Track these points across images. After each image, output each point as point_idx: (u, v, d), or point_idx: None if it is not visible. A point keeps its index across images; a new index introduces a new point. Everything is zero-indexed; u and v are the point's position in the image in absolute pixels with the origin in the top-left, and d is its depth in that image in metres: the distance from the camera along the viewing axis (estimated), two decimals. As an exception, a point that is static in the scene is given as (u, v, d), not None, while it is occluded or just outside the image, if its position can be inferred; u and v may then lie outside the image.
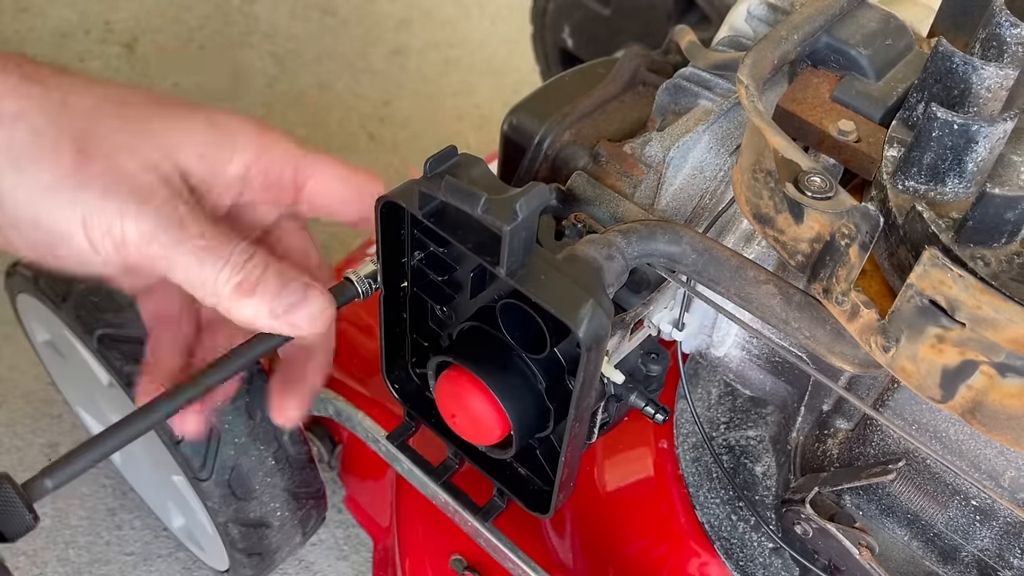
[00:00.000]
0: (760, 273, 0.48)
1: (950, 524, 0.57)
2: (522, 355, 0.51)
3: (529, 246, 0.45)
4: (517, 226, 0.43)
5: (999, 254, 0.44)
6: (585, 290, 0.45)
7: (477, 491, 0.63)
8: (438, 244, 0.51)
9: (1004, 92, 0.47)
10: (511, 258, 0.44)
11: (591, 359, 0.45)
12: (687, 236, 0.50)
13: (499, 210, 0.43)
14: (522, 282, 0.45)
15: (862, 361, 0.47)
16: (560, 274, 0.45)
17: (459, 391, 0.51)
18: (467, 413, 0.51)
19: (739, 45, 0.69)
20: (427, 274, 0.53)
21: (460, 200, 0.44)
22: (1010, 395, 0.40)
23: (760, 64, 0.51)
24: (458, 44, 1.75)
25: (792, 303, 0.47)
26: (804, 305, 0.47)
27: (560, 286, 0.45)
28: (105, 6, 1.75)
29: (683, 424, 0.72)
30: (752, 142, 0.48)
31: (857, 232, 0.42)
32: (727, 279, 0.49)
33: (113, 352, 0.76)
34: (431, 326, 0.57)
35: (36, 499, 0.42)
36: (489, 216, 0.43)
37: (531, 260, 0.45)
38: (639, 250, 0.49)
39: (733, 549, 0.67)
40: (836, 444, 0.62)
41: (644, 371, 0.56)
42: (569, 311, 0.44)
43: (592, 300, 0.44)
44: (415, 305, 0.56)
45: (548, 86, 0.72)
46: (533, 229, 0.45)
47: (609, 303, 0.46)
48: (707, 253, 0.49)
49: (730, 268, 0.49)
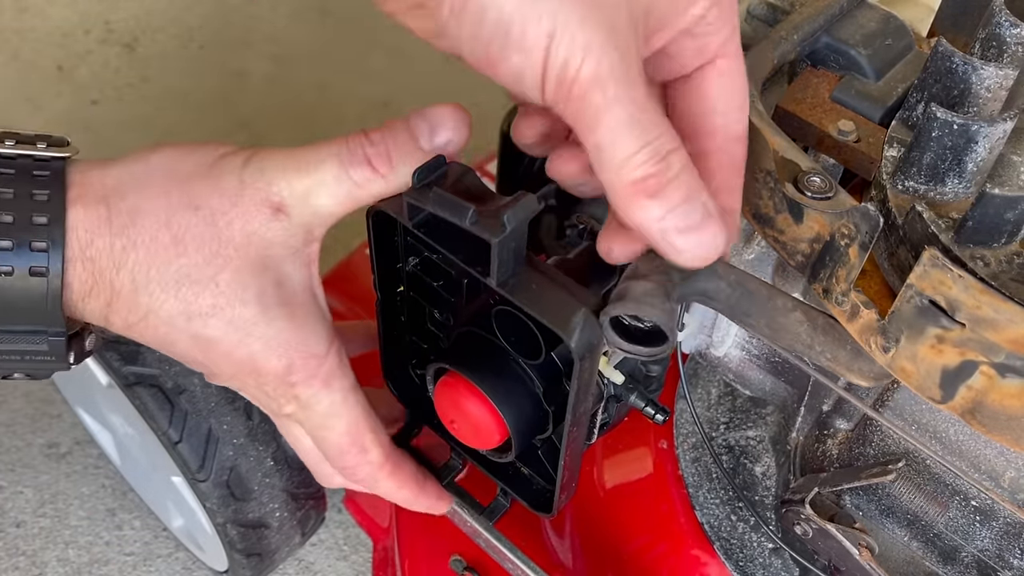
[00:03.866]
0: (788, 301, 0.46)
1: (950, 524, 0.57)
2: (518, 360, 0.51)
3: (520, 255, 0.45)
4: (505, 238, 0.42)
5: (999, 254, 0.43)
6: (577, 298, 0.44)
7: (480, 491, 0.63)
8: (432, 250, 0.51)
9: (1004, 92, 0.47)
10: (501, 269, 0.44)
11: (585, 367, 0.45)
12: (721, 271, 0.47)
13: (487, 222, 0.43)
14: (513, 292, 0.44)
15: (878, 375, 0.47)
16: (552, 283, 0.45)
17: (456, 397, 0.51)
18: (465, 419, 0.51)
19: (739, 45, 0.69)
20: (423, 279, 0.53)
21: (448, 212, 0.44)
22: (1010, 395, 0.40)
23: (760, 64, 0.51)
24: (458, 44, 1.74)
25: (817, 327, 0.46)
26: (827, 328, 0.46)
27: (552, 296, 0.44)
28: (105, 6, 1.75)
29: (683, 424, 0.72)
30: (752, 142, 0.48)
31: (857, 232, 0.42)
32: (759, 311, 0.47)
33: (111, 352, 0.76)
34: (430, 328, 0.57)
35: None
36: (477, 228, 0.43)
37: (523, 269, 0.45)
38: (682, 292, 0.47)
39: (733, 549, 0.67)
40: (836, 444, 0.62)
41: (644, 371, 0.56)
42: (560, 321, 0.43)
43: (584, 309, 0.44)
44: (413, 308, 0.56)
45: (548, 86, 0.72)
46: (523, 239, 0.44)
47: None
48: (740, 286, 0.47)
49: (762, 299, 0.47)
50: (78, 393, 1.06)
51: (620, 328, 0.45)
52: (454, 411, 0.52)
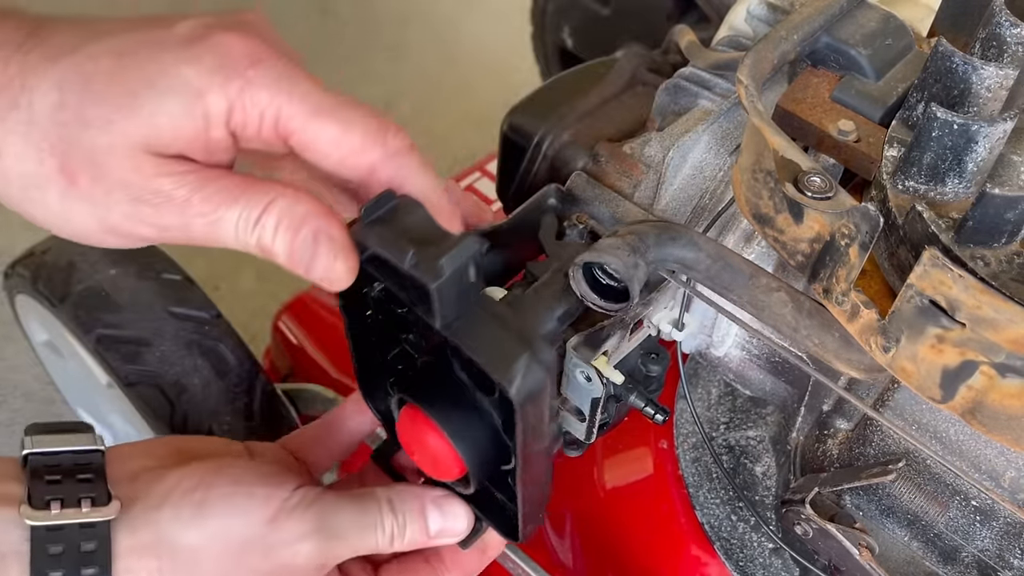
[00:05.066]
0: (772, 280, 0.48)
1: (950, 524, 0.57)
2: (476, 393, 0.50)
3: (465, 297, 0.44)
4: (444, 282, 0.42)
5: (999, 254, 0.44)
6: (524, 341, 0.43)
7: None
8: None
9: (1004, 92, 0.47)
10: (444, 311, 0.43)
11: (528, 413, 0.44)
12: (702, 242, 0.49)
13: (427, 265, 0.42)
14: (457, 335, 0.44)
15: (868, 367, 0.47)
16: (500, 326, 0.44)
17: (415, 431, 0.51)
18: (424, 452, 0.51)
19: (739, 45, 0.69)
20: (387, 305, 0.52)
21: (389, 253, 0.43)
22: (1010, 395, 0.40)
23: (760, 64, 0.51)
24: (458, 44, 1.75)
25: (803, 311, 0.47)
26: (814, 312, 0.47)
27: (496, 339, 0.44)
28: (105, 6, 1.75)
29: (683, 424, 0.72)
30: (752, 142, 0.48)
31: (857, 232, 0.42)
32: (740, 286, 0.49)
33: (111, 352, 0.76)
34: (406, 348, 0.56)
35: None
36: (416, 272, 0.42)
37: (471, 309, 0.44)
38: (656, 255, 0.49)
39: (733, 549, 0.67)
40: (836, 444, 0.62)
41: (644, 371, 0.56)
42: (501, 367, 0.43)
43: (527, 354, 0.43)
44: (384, 331, 0.55)
45: (547, 86, 0.72)
46: (467, 281, 0.43)
47: (551, 354, 0.44)
48: (721, 260, 0.49)
49: (743, 275, 0.48)
50: (78, 393, 1.06)
51: (593, 281, 0.47)
52: (414, 444, 0.52)
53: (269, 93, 0.43)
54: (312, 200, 0.45)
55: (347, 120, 0.45)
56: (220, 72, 0.43)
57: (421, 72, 1.68)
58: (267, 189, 0.44)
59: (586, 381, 0.50)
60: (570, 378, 0.51)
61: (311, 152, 0.45)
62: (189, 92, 0.43)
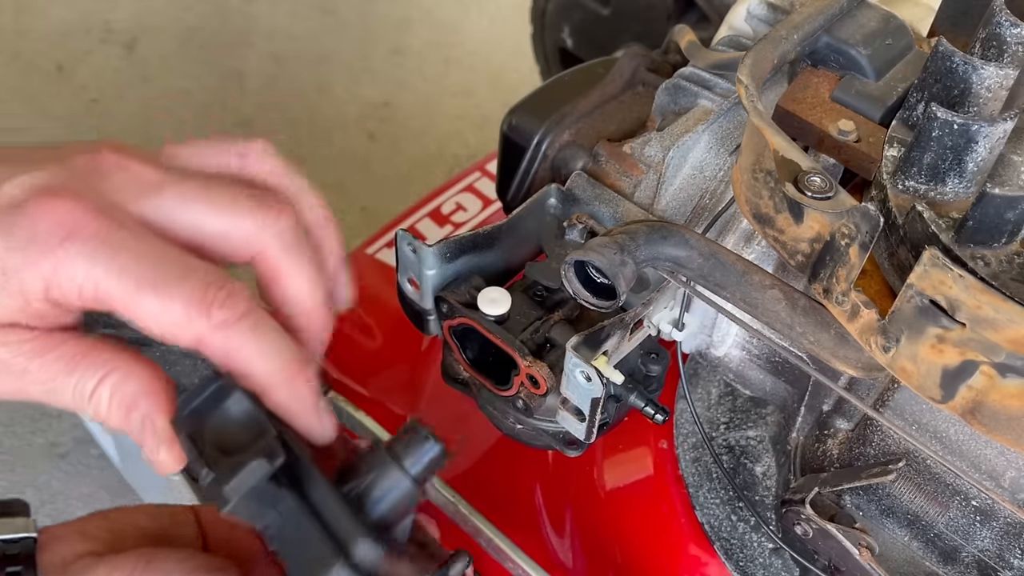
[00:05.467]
0: (765, 278, 0.48)
1: (950, 524, 0.57)
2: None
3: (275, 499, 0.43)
4: (236, 506, 0.42)
5: (999, 254, 0.44)
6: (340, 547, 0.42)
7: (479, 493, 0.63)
8: None
9: (1004, 92, 0.47)
10: (254, 519, 0.43)
11: None
12: (693, 240, 0.49)
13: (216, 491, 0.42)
14: (272, 540, 0.43)
15: (865, 365, 0.47)
16: (317, 530, 0.43)
17: None
18: None
19: (739, 45, 0.69)
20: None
21: (191, 464, 0.43)
22: (1010, 395, 0.40)
23: (760, 64, 0.51)
24: (458, 44, 1.75)
25: (797, 308, 0.47)
26: (809, 310, 0.47)
27: (310, 545, 0.42)
28: (105, 6, 1.75)
29: (683, 424, 0.72)
30: (752, 142, 0.48)
31: (857, 232, 0.42)
32: (733, 283, 0.49)
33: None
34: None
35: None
36: (210, 493, 0.42)
37: (284, 508, 0.43)
38: (646, 253, 0.49)
39: (733, 549, 0.66)
40: (836, 444, 0.62)
41: (644, 371, 0.56)
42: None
43: (337, 565, 0.41)
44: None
45: (547, 86, 0.72)
46: (263, 497, 0.43)
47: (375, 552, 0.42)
48: (713, 257, 0.49)
49: (736, 272, 0.48)
50: (78, 393, 1.06)
51: (588, 280, 0.49)
52: None
53: (84, 269, 0.43)
54: (144, 376, 0.45)
55: (168, 294, 0.43)
56: (32, 248, 0.42)
57: (421, 72, 1.68)
58: (103, 361, 0.45)
59: (586, 381, 0.50)
60: (570, 378, 0.51)
61: (137, 323, 0.45)
62: (4, 271, 0.42)
